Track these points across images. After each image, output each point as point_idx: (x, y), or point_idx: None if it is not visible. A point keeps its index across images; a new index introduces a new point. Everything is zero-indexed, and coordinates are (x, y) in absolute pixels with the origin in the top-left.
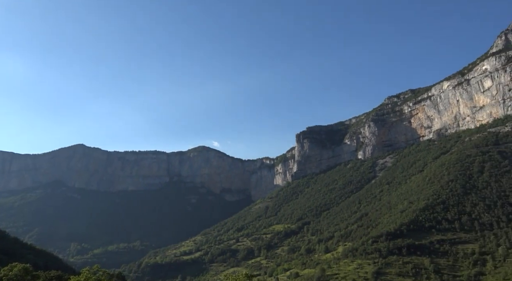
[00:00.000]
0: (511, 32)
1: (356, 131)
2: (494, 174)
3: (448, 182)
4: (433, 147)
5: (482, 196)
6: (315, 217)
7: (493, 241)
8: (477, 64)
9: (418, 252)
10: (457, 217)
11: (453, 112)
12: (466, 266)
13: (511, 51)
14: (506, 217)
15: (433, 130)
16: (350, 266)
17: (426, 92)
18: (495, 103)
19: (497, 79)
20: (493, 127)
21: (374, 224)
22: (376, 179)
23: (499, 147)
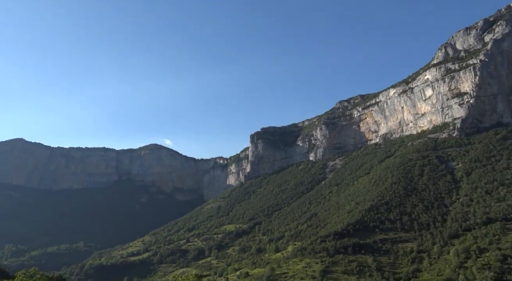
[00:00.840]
0: (450, 46)
1: (308, 133)
2: (432, 177)
3: (392, 184)
4: (379, 151)
5: (421, 197)
6: (266, 217)
7: (429, 240)
8: (420, 74)
9: (362, 251)
10: (398, 217)
11: (398, 118)
12: (405, 263)
13: (449, 63)
14: (441, 217)
15: (379, 134)
16: (298, 265)
17: (374, 98)
18: (435, 111)
19: (437, 88)
20: (432, 133)
21: (323, 224)
22: (326, 181)
23: (437, 152)
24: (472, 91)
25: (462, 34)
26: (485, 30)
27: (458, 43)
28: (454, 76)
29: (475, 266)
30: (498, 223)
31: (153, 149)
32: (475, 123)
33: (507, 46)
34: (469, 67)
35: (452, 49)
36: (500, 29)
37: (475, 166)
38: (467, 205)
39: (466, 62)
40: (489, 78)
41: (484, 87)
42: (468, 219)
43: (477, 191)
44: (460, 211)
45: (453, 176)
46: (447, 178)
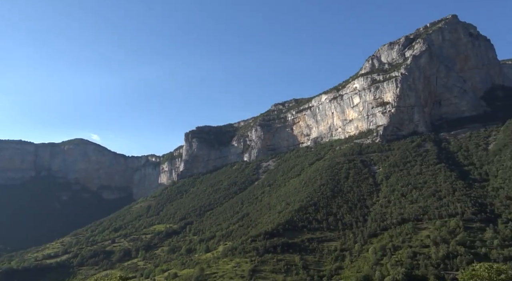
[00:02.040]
0: (376, 58)
1: (243, 134)
2: (357, 180)
3: (320, 186)
4: (310, 154)
5: (346, 199)
6: (198, 217)
7: (351, 239)
8: (349, 82)
9: (290, 250)
10: (325, 217)
11: (328, 123)
12: (329, 261)
13: (375, 74)
14: (363, 218)
15: (311, 138)
16: (228, 265)
17: (308, 103)
18: (361, 118)
19: (363, 97)
20: (358, 138)
21: (254, 224)
22: (259, 181)
23: (362, 156)
24: (394, 101)
25: (387, 48)
26: (406, 46)
27: (383, 56)
28: (379, 87)
29: (390, 263)
30: (411, 223)
31: (78, 144)
32: (395, 131)
33: (424, 62)
34: (391, 79)
35: (377, 61)
36: (418, 46)
37: (393, 170)
38: (385, 206)
39: (389, 74)
40: (408, 90)
41: (403, 98)
42: (385, 219)
43: (394, 194)
44: (379, 212)
45: (375, 179)
46: (369, 181)
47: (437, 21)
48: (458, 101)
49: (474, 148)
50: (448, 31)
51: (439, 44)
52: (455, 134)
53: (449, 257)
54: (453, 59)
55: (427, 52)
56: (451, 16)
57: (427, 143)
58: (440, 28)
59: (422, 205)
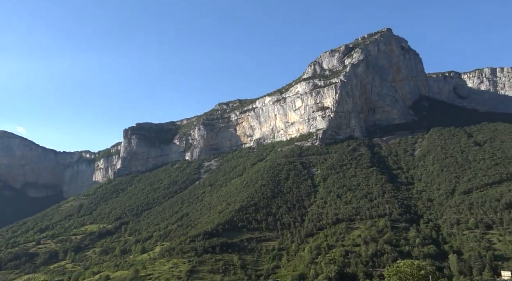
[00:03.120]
0: (318, 64)
1: (186, 133)
2: (296, 181)
3: (261, 187)
4: (252, 154)
5: (285, 199)
6: (135, 216)
7: (289, 238)
8: (292, 86)
9: (229, 250)
10: (265, 217)
11: (271, 124)
12: (267, 261)
13: (317, 79)
14: (301, 218)
15: (253, 138)
16: (165, 265)
17: (252, 104)
18: (302, 121)
19: (305, 101)
20: (299, 141)
21: (194, 224)
22: (200, 181)
23: (302, 158)
24: (333, 106)
25: (328, 55)
26: (346, 54)
27: (324, 62)
28: (320, 92)
29: (324, 261)
30: (344, 223)
31: (1, 137)
32: (333, 135)
33: (361, 71)
34: (332, 85)
35: (319, 67)
36: (356, 55)
37: (331, 172)
38: (322, 207)
39: (330, 80)
40: (346, 96)
41: (342, 104)
42: (322, 220)
43: (330, 195)
44: (316, 212)
45: (313, 181)
46: (308, 183)
47: (374, 33)
48: (390, 109)
49: (402, 153)
50: (383, 43)
51: (375, 55)
52: (387, 140)
53: (377, 255)
54: (387, 70)
55: (364, 62)
56: (386, 29)
57: (362, 147)
58: (376, 40)
59: (355, 206)
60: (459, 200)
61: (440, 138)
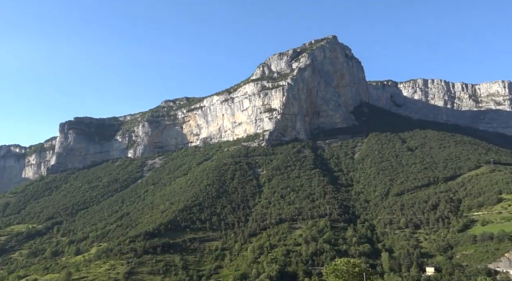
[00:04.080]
0: (267, 66)
1: (129, 129)
2: (241, 181)
3: (206, 186)
4: (198, 153)
5: (230, 199)
6: (70, 216)
7: (232, 238)
8: (241, 86)
9: (171, 250)
10: (209, 217)
11: (218, 124)
12: (209, 261)
13: (265, 81)
14: (245, 218)
15: (200, 137)
16: (101, 267)
17: (199, 102)
18: (249, 122)
19: (253, 102)
20: (246, 141)
21: (135, 224)
22: (143, 179)
23: (248, 159)
24: (280, 108)
25: (277, 58)
26: (293, 58)
27: (273, 65)
28: (267, 93)
29: (266, 261)
30: (287, 223)
31: None
32: (279, 136)
33: (308, 75)
34: (279, 87)
35: (268, 69)
36: (304, 60)
37: (276, 173)
38: (266, 207)
39: (277, 82)
40: (292, 99)
41: (288, 106)
42: (265, 220)
43: (274, 195)
44: (260, 212)
45: (258, 181)
46: (253, 183)
47: (320, 39)
48: (333, 113)
49: (343, 156)
50: (329, 50)
51: (321, 60)
52: (329, 142)
53: (316, 254)
54: (331, 75)
55: (310, 66)
56: (332, 36)
57: (306, 149)
58: (323, 46)
59: (298, 206)
60: (392, 202)
61: (378, 142)
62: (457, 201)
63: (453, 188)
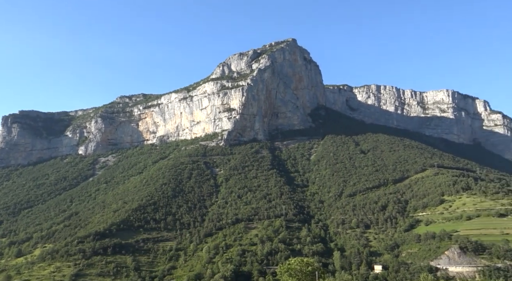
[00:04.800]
0: (227, 65)
1: (81, 125)
2: (198, 181)
3: (162, 185)
4: (154, 152)
5: (186, 199)
6: (11, 215)
7: (188, 238)
8: (200, 85)
9: (123, 251)
10: (164, 217)
11: (176, 122)
12: (163, 261)
13: (224, 80)
14: (201, 218)
15: (157, 135)
16: (46, 270)
17: (157, 100)
18: (208, 121)
19: (212, 101)
20: (204, 140)
21: (84, 224)
22: (94, 177)
23: (206, 158)
24: (239, 108)
25: (237, 58)
26: (254, 59)
27: (233, 64)
28: (227, 93)
29: (221, 261)
30: (243, 223)
31: None
32: (238, 136)
33: (267, 76)
34: (239, 87)
35: (228, 69)
36: (264, 61)
37: (233, 173)
38: (223, 207)
39: (237, 82)
40: (252, 100)
41: (247, 106)
42: (221, 219)
43: (231, 195)
44: (217, 212)
45: (216, 181)
46: (210, 183)
47: (281, 42)
48: (291, 115)
49: (300, 157)
50: (289, 52)
51: (281, 63)
52: (287, 144)
53: (271, 253)
54: (290, 78)
55: (270, 68)
56: (292, 39)
57: (264, 150)
58: (282, 48)
59: (255, 206)
60: (345, 202)
61: (333, 145)
62: (404, 202)
63: (401, 190)
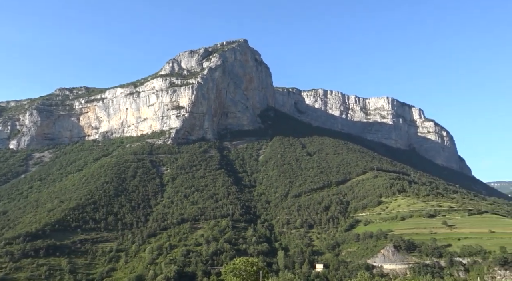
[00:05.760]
0: (177, 62)
1: (13, 117)
2: (144, 179)
3: (104, 184)
4: (96, 148)
5: (130, 198)
6: None
7: (130, 239)
8: (148, 81)
9: (57, 253)
10: (104, 217)
11: (121, 118)
12: (102, 263)
13: (174, 78)
14: (145, 217)
15: (100, 131)
16: None
17: (101, 94)
18: (155, 118)
19: (161, 98)
20: (151, 138)
21: (13, 224)
22: (27, 174)
23: (152, 156)
24: (188, 106)
25: (187, 55)
26: (205, 57)
27: (183, 62)
28: (176, 90)
29: (164, 262)
30: (189, 223)
31: None
32: (186, 135)
33: (218, 75)
34: (189, 85)
35: (178, 66)
36: (215, 60)
37: (180, 172)
38: (168, 207)
39: (187, 80)
40: (202, 98)
41: (197, 105)
42: (166, 219)
43: (178, 195)
44: (162, 212)
45: (162, 180)
46: (156, 181)
47: (232, 42)
48: (241, 115)
49: (248, 158)
50: (240, 53)
51: (232, 62)
52: (236, 144)
53: (217, 253)
54: (241, 78)
55: (221, 67)
56: (243, 40)
57: (212, 149)
58: (234, 48)
59: (201, 206)
60: (291, 203)
61: (281, 146)
62: (346, 203)
63: (343, 191)
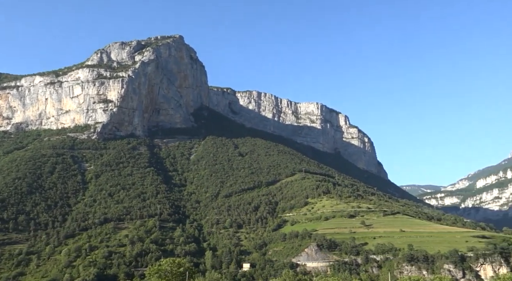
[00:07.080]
0: (106, 53)
1: None
2: (63, 176)
3: (15, 179)
4: (8, 141)
5: (46, 196)
6: None
7: (43, 240)
8: (73, 70)
9: None
10: (14, 216)
11: (39, 109)
12: (8, 267)
13: (102, 69)
14: (62, 217)
15: (13, 122)
16: None
17: (15, 81)
18: (80, 111)
19: (86, 89)
20: (73, 132)
21: None
22: None
23: (74, 151)
24: (117, 100)
25: (118, 47)
26: (137, 50)
27: (113, 53)
28: (104, 83)
29: (83, 264)
30: (112, 223)
31: None
32: (114, 130)
33: (151, 70)
34: (118, 78)
35: (107, 57)
36: (148, 54)
37: (105, 169)
38: (90, 206)
39: (117, 73)
40: (132, 93)
41: (127, 100)
42: (87, 219)
43: (101, 193)
44: (82, 211)
45: (84, 177)
46: (77, 179)
47: (167, 37)
48: (174, 113)
49: (179, 156)
50: (175, 49)
51: (166, 58)
52: (167, 142)
53: (141, 254)
54: (175, 75)
55: (155, 62)
56: (179, 36)
57: (142, 146)
58: (169, 44)
59: (127, 205)
60: (221, 203)
61: (213, 146)
62: (274, 204)
63: (273, 192)
